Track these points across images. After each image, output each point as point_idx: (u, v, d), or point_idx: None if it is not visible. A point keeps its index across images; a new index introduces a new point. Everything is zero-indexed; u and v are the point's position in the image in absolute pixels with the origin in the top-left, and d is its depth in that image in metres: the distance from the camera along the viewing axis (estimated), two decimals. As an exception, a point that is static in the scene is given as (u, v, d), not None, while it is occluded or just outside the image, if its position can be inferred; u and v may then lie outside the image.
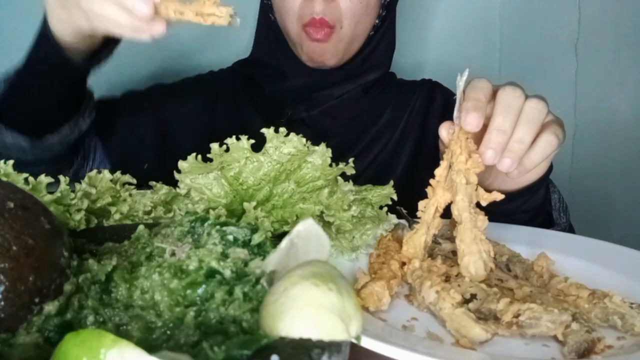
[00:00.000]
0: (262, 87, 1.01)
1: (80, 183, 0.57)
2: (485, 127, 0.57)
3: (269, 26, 1.01)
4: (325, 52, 0.92)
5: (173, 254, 0.39)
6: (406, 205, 0.58)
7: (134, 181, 0.60)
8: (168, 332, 0.31)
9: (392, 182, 0.64)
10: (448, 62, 1.32)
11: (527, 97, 0.58)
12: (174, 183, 0.59)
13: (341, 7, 0.90)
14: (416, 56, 1.33)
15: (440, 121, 0.60)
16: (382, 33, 1.00)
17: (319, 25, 0.89)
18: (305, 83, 0.98)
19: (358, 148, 0.97)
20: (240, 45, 1.12)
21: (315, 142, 0.59)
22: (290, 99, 0.98)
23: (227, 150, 0.57)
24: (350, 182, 0.60)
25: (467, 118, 0.55)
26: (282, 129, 0.57)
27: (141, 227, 0.44)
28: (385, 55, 1.03)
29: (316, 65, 0.95)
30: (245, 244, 0.40)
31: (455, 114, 0.58)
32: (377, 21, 0.98)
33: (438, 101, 1.02)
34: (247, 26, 1.12)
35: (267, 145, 0.57)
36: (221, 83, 1.05)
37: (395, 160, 0.98)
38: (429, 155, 0.92)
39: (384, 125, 1.00)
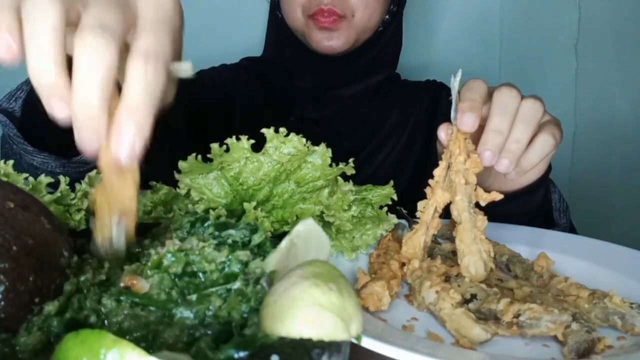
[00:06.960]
0: (273, 85, 1.01)
1: (81, 183, 0.57)
2: (483, 128, 0.57)
3: (277, 25, 1.01)
4: (334, 38, 0.92)
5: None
6: (416, 206, 0.59)
7: None
8: (168, 332, 0.31)
9: (392, 182, 0.64)
10: (447, 63, 1.32)
11: (523, 97, 0.58)
12: (174, 183, 0.59)
13: None
14: (417, 57, 1.33)
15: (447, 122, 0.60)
16: (391, 32, 1.00)
17: (327, 15, 0.89)
18: (314, 82, 0.98)
19: (368, 149, 0.97)
20: (241, 40, 1.12)
21: (327, 143, 0.59)
22: (299, 98, 0.98)
23: (227, 150, 0.57)
24: (350, 182, 0.60)
25: (463, 119, 0.55)
26: (282, 129, 0.57)
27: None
28: (392, 56, 1.03)
29: (326, 52, 0.94)
30: (245, 245, 0.40)
31: (453, 114, 0.58)
32: (387, 17, 0.98)
33: (444, 102, 1.02)
34: (249, 22, 1.12)
35: (267, 145, 0.57)
36: (238, 78, 1.05)
37: (405, 161, 0.98)
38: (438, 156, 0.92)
39: (393, 126, 1.00)
